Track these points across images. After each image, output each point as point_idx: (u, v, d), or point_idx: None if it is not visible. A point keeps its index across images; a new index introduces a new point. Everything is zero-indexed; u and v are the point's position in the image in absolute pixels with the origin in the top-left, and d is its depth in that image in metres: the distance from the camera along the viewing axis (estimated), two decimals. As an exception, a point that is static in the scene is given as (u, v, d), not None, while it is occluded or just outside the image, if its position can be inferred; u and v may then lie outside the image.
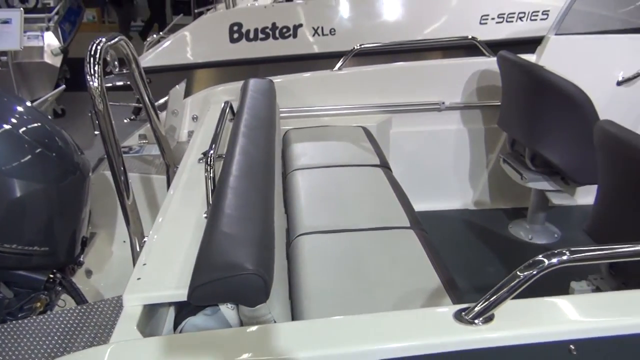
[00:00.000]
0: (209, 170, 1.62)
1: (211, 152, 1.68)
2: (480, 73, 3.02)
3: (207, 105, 2.77)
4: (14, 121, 1.67)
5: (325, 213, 1.95)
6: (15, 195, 1.58)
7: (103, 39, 1.58)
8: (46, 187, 1.65)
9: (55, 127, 1.78)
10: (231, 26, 4.03)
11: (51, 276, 1.73)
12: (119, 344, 1.08)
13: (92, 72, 1.49)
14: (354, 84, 3.01)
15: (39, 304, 1.68)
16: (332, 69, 3.01)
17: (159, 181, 2.43)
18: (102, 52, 1.54)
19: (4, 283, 1.69)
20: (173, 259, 1.38)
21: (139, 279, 1.30)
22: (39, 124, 1.73)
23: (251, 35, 4.06)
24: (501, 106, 2.90)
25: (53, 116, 5.75)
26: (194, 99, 2.90)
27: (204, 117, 2.57)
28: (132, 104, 4.70)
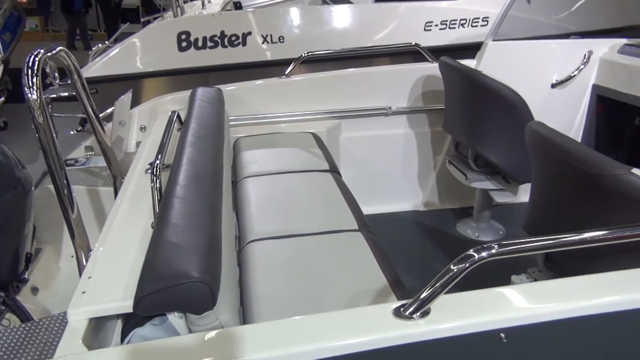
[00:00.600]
0: (155, 180, 1.62)
1: (157, 162, 1.68)
2: (425, 78, 3.13)
3: (154, 115, 2.74)
4: (-52, 136, 1.61)
5: (275, 219, 1.98)
6: (-48, 212, 1.53)
7: (41, 50, 1.55)
8: (-15, 203, 1.61)
9: (-7, 142, 1.74)
10: (179, 35, 4.01)
11: (-7, 295, 1.68)
12: (63, 359, 1.07)
13: (30, 84, 1.46)
14: (304, 90, 3.06)
15: (-20, 324, 1.63)
16: (281, 76, 3.04)
17: (106, 193, 2.39)
18: (40, 64, 1.51)
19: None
20: (119, 270, 1.37)
21: (83, 292, 1.29)
22: (-25, 139, 1.68)
23: (200, 43, 4.05)
24: (445, 110, 3.01)
25: (-6, 129, 5.53)
26: (141, 109, 2.86)
27: (152, 127, 2.54)
28: (78, 114, 4.58)
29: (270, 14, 4.55)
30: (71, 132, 4.50)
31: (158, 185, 1.62)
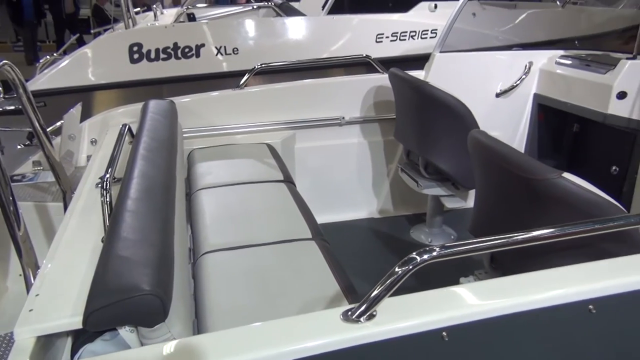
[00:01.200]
0: (105, 194, 1.61)
1: (107, 176, 1.67)
2: (376, 89, 3.21)
3: (105, 128, 2.71)
4: None
5: (230, 230, 1.99)
6: None
7: None
8: None
9: None
10: (131, 46, 3.97)
11: None
12: (9, 379, 1.05)
13: None
14: (258, 101, 3.09)
15: None
16: (235, 88, 3.06)
17: (55, 209, 2.34)
18: (-18, 79, 1.48)
19: None
20: (68, 286, 1.35)
21: (31, 310, 1.26)
22: None
23: (152, 55, 4.02)
24: (396, 119, 3.10)
25: None
26: (91, 122, 2.82)
27: (102, 141, 2.51)
28: (26, 129, 4.44)
29: (224, 26, 4.57)
30: (18, 147, 4.36)
31: (108, 200, 1.61)
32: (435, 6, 4.75)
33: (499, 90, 3.36)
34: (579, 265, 1.25)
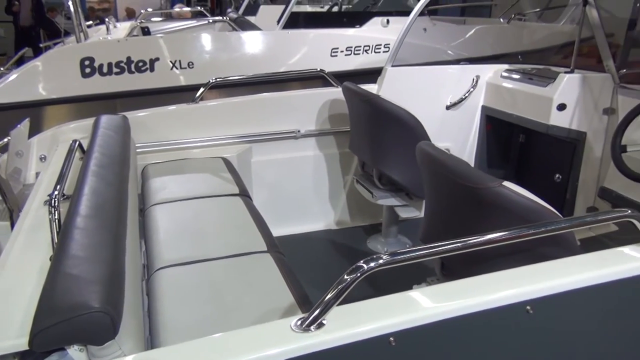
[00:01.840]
0: (53, 212, 1.58)
1: (56, 193, 1.64)
2: (330, 102, 3.27)
3: (55, 144, 2.65)
4: None
5: (184, 245, 1.98)
6: None
7: None
8: None
9: None
10: (82, 60, 3.90)
11: None
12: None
13: None
14: (214, 115, 3.09)
15: None
16: (189, 102, 3.06)
17: (1, 228, 2.27)
18: None
19: None
20: (14, 307, 1.32)
21: None
22: None
23: (104, 69, 3.96)
24: (350, 132, 3.17)
25: None
26: (40, 138, 2.75)
27: (52, 157, 2.46)
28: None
29: (180, 40, 4.55)
30: (-38, 164, 4.18)
31: (57, 217, 1.58)
32: (388, 21, 4.89)
33: (449, 103, 3.48)
34: (517, 269, 1.32)
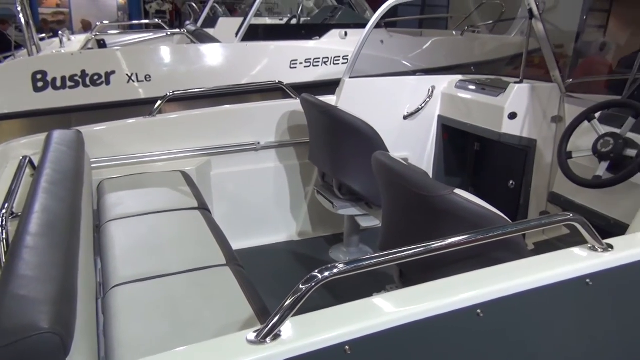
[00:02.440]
0: (1, 231, 1.53)
1: (3, 211, 1.59)
2: (290, 114, 3.29)
3: (5, 161, 2.56)
4: None
5: (141, 261, 1.95)
6: None
7: None
8: None
9: None
10: (34, 74, 3.79)
11: None
12: None
13: None
14: (171, 129, 3.06)
15: None
16: (146, 116, 3.02)
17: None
18: None
19: None
20: None
21: None
22: None
23: (58, 83, 3.86)
24: (310, 143, 3.19)
25: None
26: (-12, 155, 2.66)
27: (1, 174, 2.38)
28: None
29: (137, 53, 4.50)
30: None
31: (5, 237, 1.53)
32: (346, 33, 4.97)
33: (406, 113, 3.55)
34: (468, 274, 1.36)
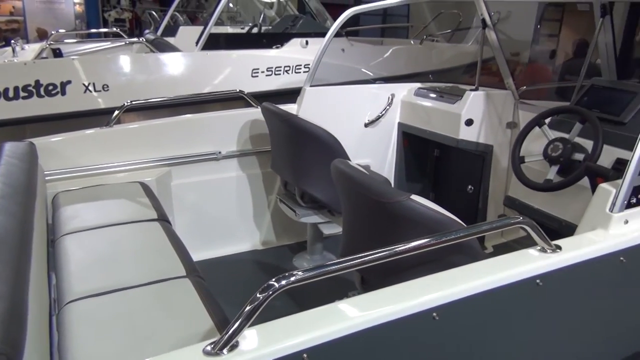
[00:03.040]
0: None
1: None
2: (251, 123, 3.29)
3: None
4: None
5: (98, 275, 1.90)
6: None
7: None
8: None
9: None
10: (-16, 85, 3.67)
11: None
12: None
13: None
14: (130, 139, 3.00)
15: None
16: (102, 126, 2.96)
17: None
18: None
19: None
20: None
21: None
22: None
23: (10, 94, 3.74)
24: (271, 152, 3.19)
25: None
26: None
27: None
28: None
29: (94, 62, 4.41)
30: None
31: None
32: (307, 42, 5.00)
33: (367, 121, 3.60)
34: (424, 278, 1.38)
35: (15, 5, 12.11)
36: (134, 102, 3.12)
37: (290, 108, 3.33)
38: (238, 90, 3.44)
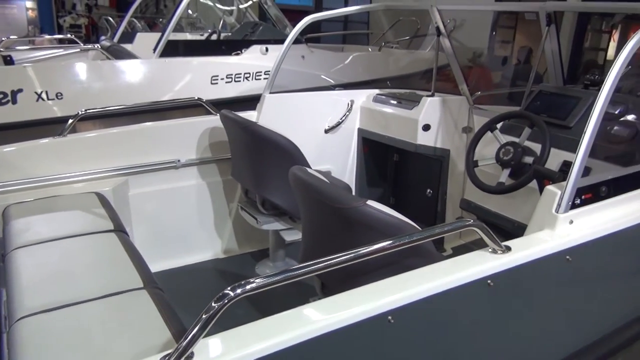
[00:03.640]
0: None
1: None
2: (210, 130, 3.26)
3: None
4: None
5: (50, 290, 1.85)
6: None
7: None
8: None
9: None
10: None
11: None
12: None
13: None
14: (85, 148, 2.93)
15: None
16: (56, 136, 2.88)
17: None
18: None
19: None
20: None
21: None
22: None
23: (-44, 103, 3.60)
24: (231, 159, 3.18)
25: None
26: None
27: None
28: None
29: (47, 69, 4.28)
30: None
31: None
32: (267, 49, 5.00)
33: (327, 127, 3.63)
34: (380, 282, 1.41)
35: (-37, 11, 11.66)
36: (88, 111, 3.05)
37: (250, 115, 3.32)
38: (197, 98, 3.41)
